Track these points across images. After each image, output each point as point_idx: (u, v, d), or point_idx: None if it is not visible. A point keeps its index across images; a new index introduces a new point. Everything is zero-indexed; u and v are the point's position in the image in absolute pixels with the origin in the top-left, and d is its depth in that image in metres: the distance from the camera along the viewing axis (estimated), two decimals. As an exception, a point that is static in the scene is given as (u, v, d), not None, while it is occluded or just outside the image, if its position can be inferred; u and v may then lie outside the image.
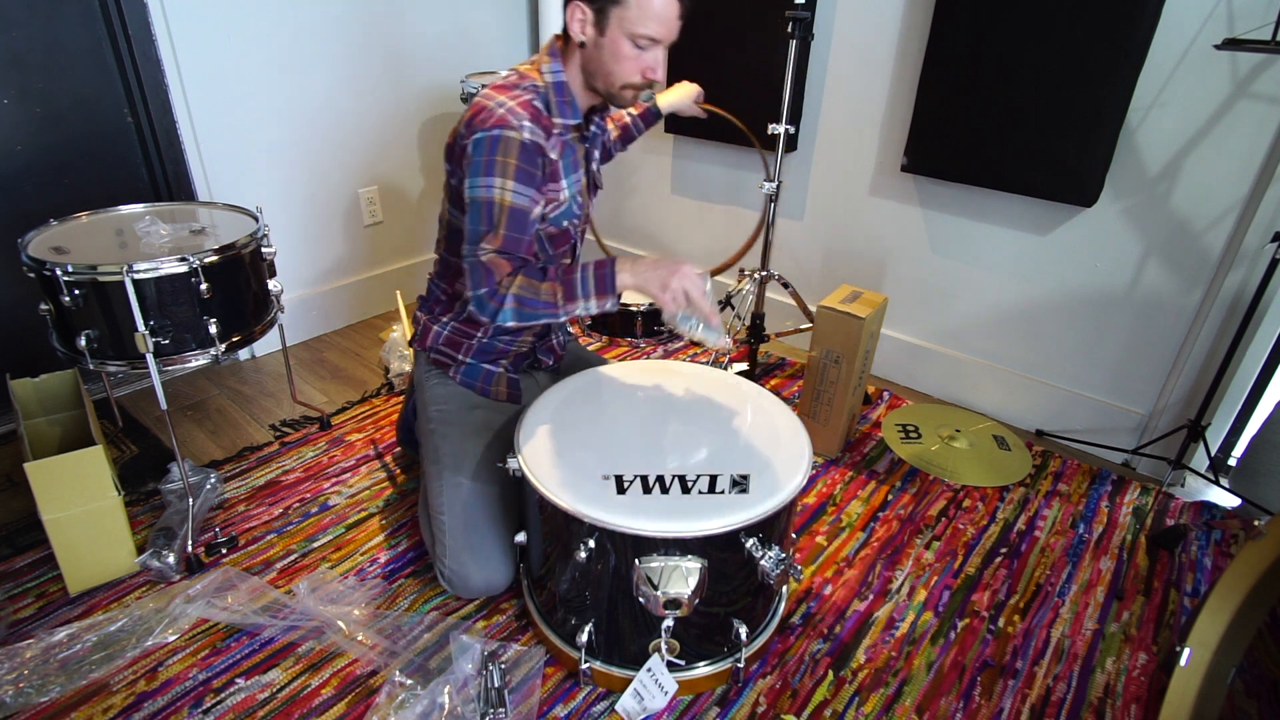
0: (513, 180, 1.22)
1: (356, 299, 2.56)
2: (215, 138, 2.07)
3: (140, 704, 1.22)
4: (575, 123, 1.31)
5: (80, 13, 1.83)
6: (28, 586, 1.45)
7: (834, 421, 1.87)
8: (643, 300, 2.52)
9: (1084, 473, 1.90)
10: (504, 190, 1.22)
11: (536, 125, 1.24)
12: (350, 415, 2.04)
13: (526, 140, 1.21)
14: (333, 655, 1.31)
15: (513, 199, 1.22)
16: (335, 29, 2.22)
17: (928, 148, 1.98)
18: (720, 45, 2.30)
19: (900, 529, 1.67)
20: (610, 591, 1.17)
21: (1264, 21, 1.50)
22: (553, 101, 1.28)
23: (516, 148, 1.21)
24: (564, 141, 1.31)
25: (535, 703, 1.23)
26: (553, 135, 1.28)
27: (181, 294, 1.41)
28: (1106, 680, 1.33)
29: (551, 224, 1.35)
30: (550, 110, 1.28)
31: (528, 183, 1.23)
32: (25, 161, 1.84)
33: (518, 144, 1.21)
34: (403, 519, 1.65)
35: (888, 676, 1.32)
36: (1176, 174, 1.70)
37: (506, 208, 1.22)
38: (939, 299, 2.18)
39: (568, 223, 1.37)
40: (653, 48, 1.21)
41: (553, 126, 1.28)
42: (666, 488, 1.16)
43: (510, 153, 1.21)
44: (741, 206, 2.55)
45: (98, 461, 1.37)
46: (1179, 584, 1.55)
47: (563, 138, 1.31)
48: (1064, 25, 1.67)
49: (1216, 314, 1.72)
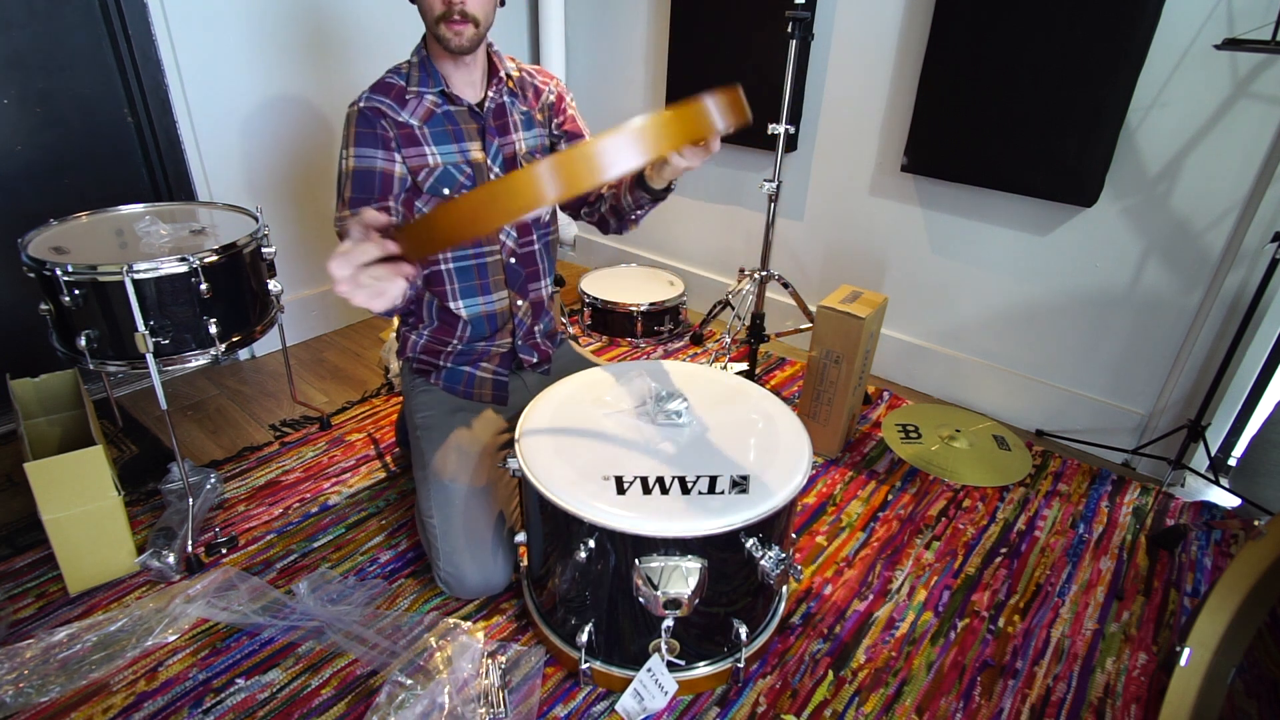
0: (354, 145, 1.33)
1: (356, 299, 2.56)
2: (215, 138, 2.07)
3: (140, 704, 1.22)
4: (437, 89, 1.36)
5: (80, 13, 1.83)
6: (28, 586, 1.45)
7: (834, 421, 1.87)
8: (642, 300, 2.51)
9: (1084, 473, 1.90)
10: (348, 157, 1.34)
11: (380, 94, 1.34)
12: (350, 415, 2.04)
13: (362, 107, 1.33)
14: (333, 655, 1.31)
15: (355, 162, 1.33)
16: (336, 27, 2.22)
17: (928, 148, 1.98)
18: (720, 45, 2.30)
19: (900, 529, 1.67)
20: (610, 591, 1.17)
21: (1264, 21, 1.50)
22: (414, 74, 1.36)
23: (355, 116, 1.34)
24: (434, 110, 1.37)
25: (535, 703, 1.23)
26: (409, 101, 1.35)
27: (181, 294, 1.41)
28: (1106, 680, 1.33)
29: (429, 193, 1.38)
30: (409, 81, 1.36)
31: (369, 144, 1.33)
32: (25, 161, 1.84)
33: (355, 113, 1.34)
34: (403, 519, 1.65)
35: (888, 676, 1.32)
36: (1176, 174, 1.70)
37: (350, 171, 1.34)
38: (939, 299, 2.18)
39: (451, 192, 1.39)
40: None
41: (406, 93, 1.35)
42: (666, 488, 1.16)
43: (350, 124, 1.34)
44: (742, 206, 2.55)
45: (98, 461, 1.37)
46: (1179, 584, 1.55)
47: (436, 108, 1.37)
48: (1064, 25, 1.67)
49: (1216, 314, 1.72)
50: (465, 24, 1.28)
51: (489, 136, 1.41)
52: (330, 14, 2.20)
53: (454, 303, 1.48)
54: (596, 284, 2.57)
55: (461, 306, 1.48)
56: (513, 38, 2.75)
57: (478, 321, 1.50)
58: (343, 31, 2.24)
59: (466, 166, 1.39)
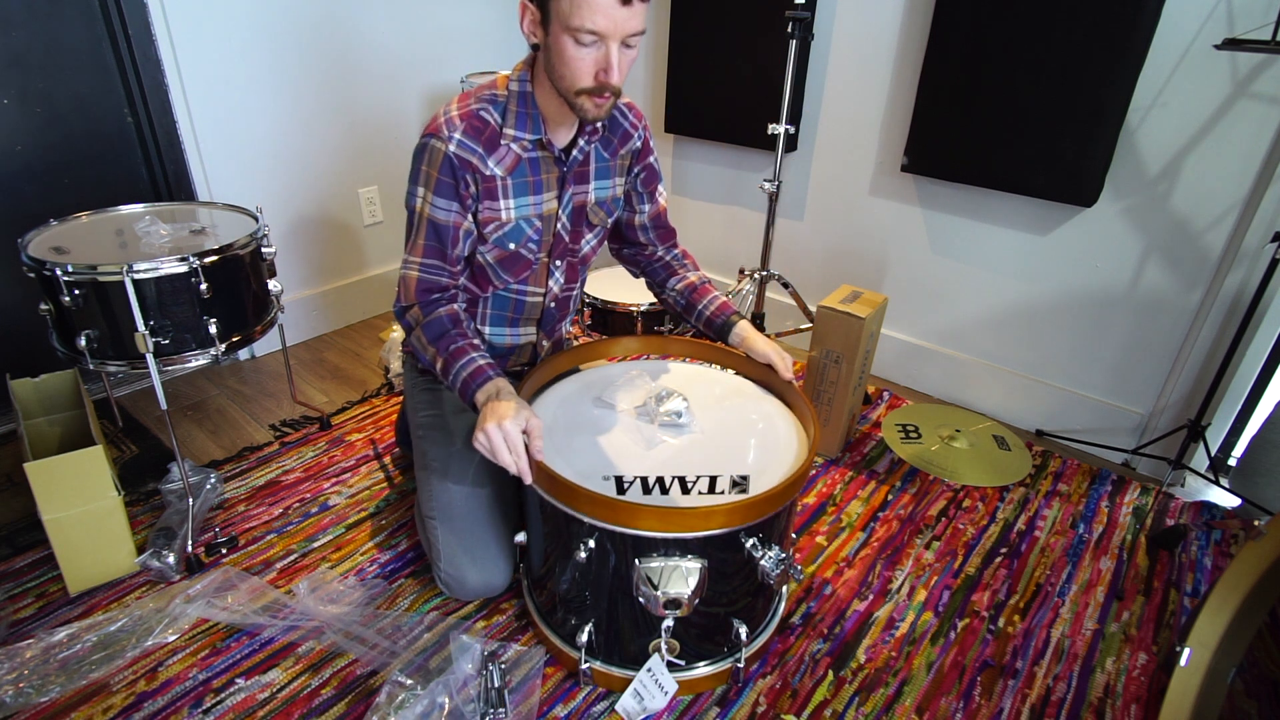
0: (433, 193, 1.22)
1: (356, 299, 2.56)
2: (215, 138, 2.07)
3: (140, 704, 1.22)
4: (534, 137, 1.24)
5: (80, 13, 1.83)
6: (28, 586, 1.45)
7: (834, 421, 1.87)
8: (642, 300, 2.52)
9: (1084, 473, 1.90)
10: (425, 201, 1.24)
11: (473, 139, 1.20)
12: (350, 415, 2.04)
13: (450, 152, 1.19)
14: (333, 655, 1.31)
15: (431, 211, 1.23)
16: (336, 28, 2.22)
17: (928, 148, 1.98)
18: (721, 45, 2.30)
19: (900, 529, 1.67)
20: (610, 592, 1.17)
21: (1264, 21, 1.50)
22: (511, 111, 1.22)
23: (440, 159, 1.20)
24: (521, 156, 1.25)
25: (535, 703, 1.23)
26: (501, 147, 1.23)
27: (181, 294, 1.41)
28: (1106, 680, 1.33)
29: (495, 245, 1.30)
30: (505, 120, 1.22)
31: (448, 196, 1.22)
32: (25, 161, 1.84)
33: (441, 155, 1.20)
34: (403, 519, 1.65)
35: (888, 676, 1.32)
36: (1176, 174, 1.70)
37: (425, 219, 1.24)
38: (939, 299, 2.18)
39: (517, 247, 1.31)
40: (598, 44, 1.08)
41: (501, 137, 1.22)
42: (666, 488, 1.16)
43: (434, 164, 1.21)
44: (742, 206, 2.55)
45: (98, 461, 1.37)
46: (1179, 584, 1.55)
47: (524, 153, 1.25)
48: (1064, 25, 1.67)
49: (1216, 314, 1.72)
50: (608, 97, 1.14)
51: (566, 185, 1.32)
52: (330, 14, 2.19)
53: (481, 327, 1.44)
54: (596, 284, 2.57)
55: (486, 332, 1.44)
56: (513, 36, 2.74)
57: (494, 350, 1.47)
58: (343, 31, 2.24)
59: (537, 220, 1.31)
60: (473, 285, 1.38)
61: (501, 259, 1.33)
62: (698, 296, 1.46)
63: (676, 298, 1.49)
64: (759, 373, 1.45)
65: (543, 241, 1.34)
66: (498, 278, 1.35)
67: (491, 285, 1.37)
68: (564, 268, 1.41)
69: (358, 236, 2.51)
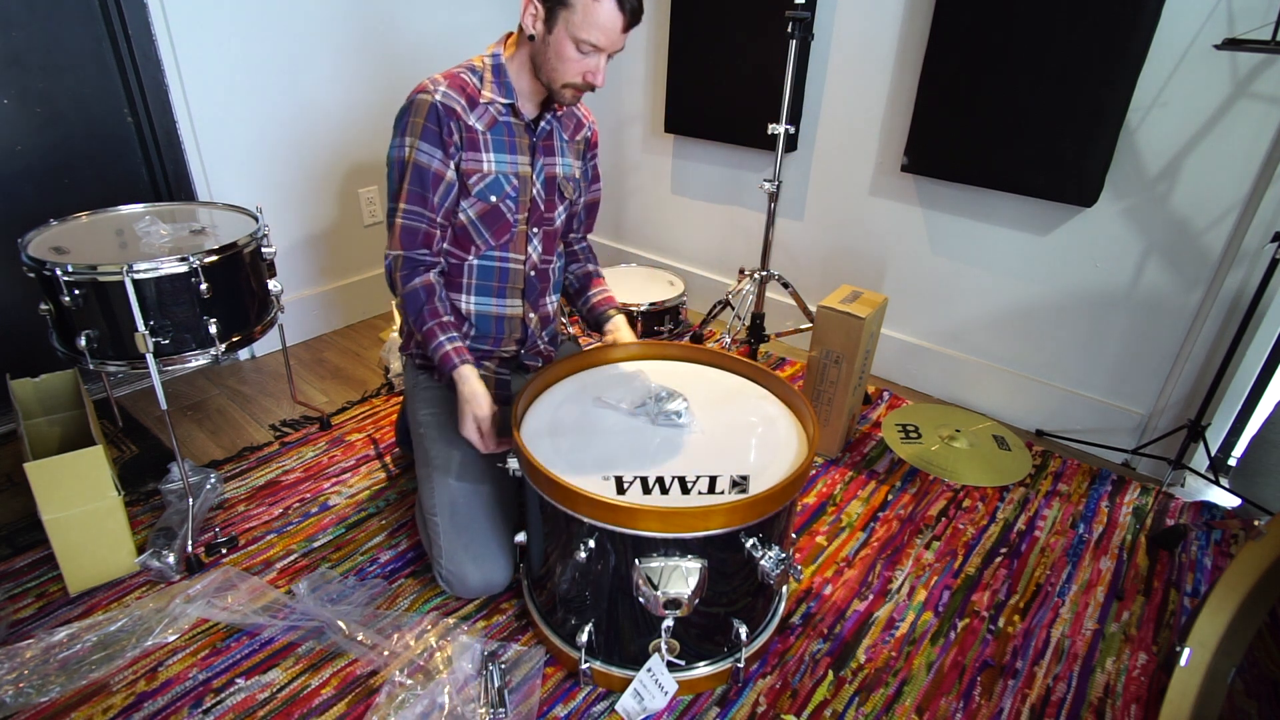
0: (419, 139, 1.31)
1: (356, 299, 2.56)
2: (215, 138, 2.07)
3: (140, 704, 1.22)
4: (507, 101, 1.35)
5: (80, 13, 1.83)
6: (28, 586, 1.45)
7: (834, 421, 1.87)
8: (642, 301, 2.52)
9: (1084, 473, 1.90)
10: (411, 148, 1.31)
11: (458, 92, 1.31)
12: (350, 415, 2.04)
13: (437, 101, 1.29)
14: (333, 655, 1.31)
15: (415, 155, 1.31)
16: (335, 28, 2.22)
17: (928, 148, 1.98)
18: (720, 45, 2.30)
19: (900, 529, 1.67)
20: (610, 591, 1.17)
21: (1264, 21, 1.50)
22: (488, 80, 1.35)
23: (426, 108, 1.30)
24: (497, 118, 1.36)
25: (535, 703, 1.23)
26: (479, 105, 1.34)
27: (181, 294, 1.41)
28: (1106, 680, 1.33)
29: (478, 198, 1.37)
30: (482, 84, 1.34)
31: (433, 142, 1.31)
32: (25, 161, 1.84)
33: (427, 104, 1.30)
34: (403, 519, 1.65)
35: (888, 676, 1.32)
36: (1176, 174, 1.70)
37: (410, 163, 1.32)
38: (939, 299, 2.18)
39: (497, 200, 1.39)
40: (595, 54, 1.25)
41: (480, 97, 1.34)
42: (666, 488, 1.16)
43: (420, 112, 1.30)
44: (742, 206, 2.55)
45: (98, 461, 1.37)
46: (1179, 584, 1.55)
47: (499, 116, 1.36)
48: (1064, 25, 1.67)
49: (1216, 314, 1.72)
50: (582, 92, 1.32)
51: (537, 155, 1.42)
52: (331, 13, 2.20)
53: (467, 296, 1.47)
54: (596, 284, 2.57)
55: (473, 302, 1.48)
56: (513, 38, 2.75)
57: (484, 321, 1.50)
58: (343, 31, 2.24)
59: (514, 179, 1.40)
60: (457, 249, 1.43)
61: (484, 214, 1.39)
62: (592, 285, 1.64)
63: (573, 280, 1.66)
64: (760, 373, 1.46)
65: (520, 201, 1.43)
66: (480, 238, 1.41)
67: (474, 246, 1.42)
68: (541, 236, 1.48)
69: (358, 236, 2.51)
